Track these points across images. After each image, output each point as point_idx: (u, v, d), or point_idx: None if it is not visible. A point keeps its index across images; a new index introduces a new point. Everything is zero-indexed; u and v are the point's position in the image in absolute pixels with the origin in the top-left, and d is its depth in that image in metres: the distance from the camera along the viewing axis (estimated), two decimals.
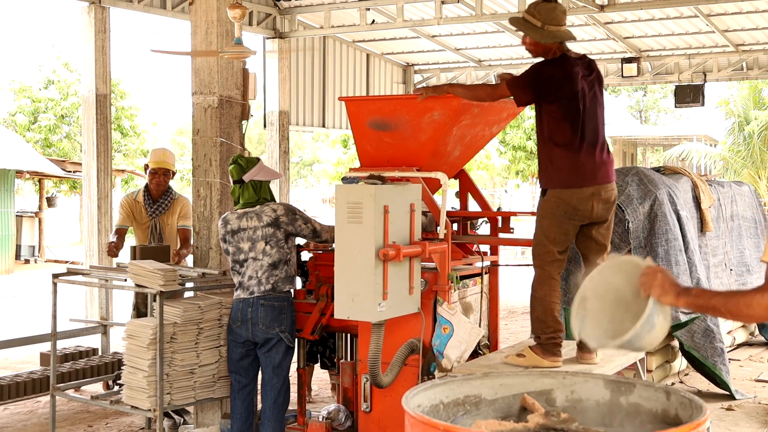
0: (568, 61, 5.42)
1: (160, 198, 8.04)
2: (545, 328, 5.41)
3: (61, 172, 23.98)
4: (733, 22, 15.68)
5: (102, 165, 12.42)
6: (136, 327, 6.12)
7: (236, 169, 6.14)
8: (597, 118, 5.48)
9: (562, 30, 5.39)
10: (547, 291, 5.42)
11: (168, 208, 8.04)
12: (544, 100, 5.37)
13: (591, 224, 5.49)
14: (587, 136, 5.37)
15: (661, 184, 8.56)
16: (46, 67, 32.28)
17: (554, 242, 5.41)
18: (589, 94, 5.43)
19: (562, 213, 5.36)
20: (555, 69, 5.39)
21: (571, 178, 5.34)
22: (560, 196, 5.36)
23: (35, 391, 7.57)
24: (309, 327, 6.21)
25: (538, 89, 5.36)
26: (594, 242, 5.56)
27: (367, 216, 5.19)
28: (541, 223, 5.46)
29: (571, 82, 5.34)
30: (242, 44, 6.68)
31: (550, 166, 5.41)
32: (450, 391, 3.50)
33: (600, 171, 5.42)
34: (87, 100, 12.55)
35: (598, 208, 5.42)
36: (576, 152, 5.34)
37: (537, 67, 5.46)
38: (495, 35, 17.24)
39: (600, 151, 5.42)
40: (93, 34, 12.46)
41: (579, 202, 5.33)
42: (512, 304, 14.54)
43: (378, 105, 6.21)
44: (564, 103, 5.33)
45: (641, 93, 57.31)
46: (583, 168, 5.35)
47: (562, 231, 5.41)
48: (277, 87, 16.29)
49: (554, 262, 5.43)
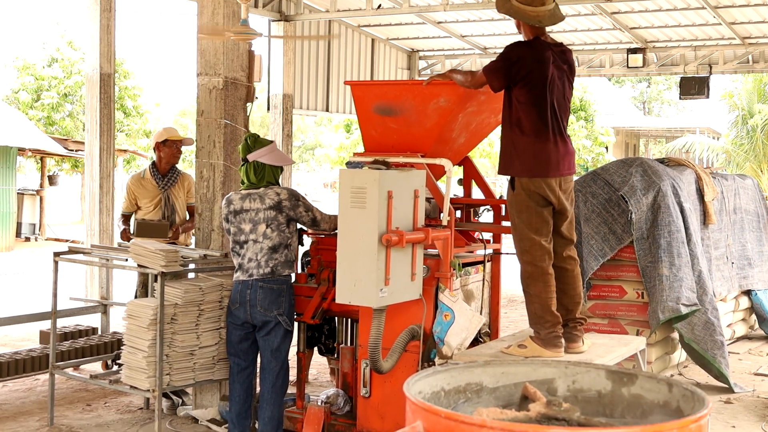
0: (540, 44, 5.35)
1: (168, 172, 8.26)
2: (544, 323, 5.38)
3: (64, 150, 23.95)
4: (741, 15, 15.62)
5: (105, 144, 12.40)
6: (136, 307, 6.12)
7: (243, 147, 6.12)
8: (563, 107, 5.42)
9: (524, 8, 5.29)
10: (542, 288, 5.36)
11: (176, 181, 8.27)
12: (513, 82, 5.30)
13: (555, 216, 5.45)
14: (553, 124, 5.30)
15: (665, 175, 8.54)
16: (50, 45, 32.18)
17: (538, 232, 5.34)
18: (558, 82, 5.36)
19: (536, 203, 5.31)
20: (524, 51, 5.33)
21: (535, 166, 5.28)
22: (529, 188, 5.30)
23: (34, 369, 7.57)
24: (310, 311, 6.21)
25: (507, 73, 5.28)
26: (559, 236, 5.50)
27: (371, 201, 5.18)
28: (521, 218, 5.37)
29: (540, 65, 5.27)
30: (248, 25, 6.65)
31: (514, 153, 5.33)
32: (451, 378, 3.49)
33: (563, 162, 5.37)
34: (91, 79, 12.52)
35: (563, 199, 5.39)
36: (542, 141, 5.27)
37: (507, 49, 5.38)
38: (500, 23, 17.18)
39: (563, 141, 5.37)
40: (98, 13, 12.42)
41: (546, 192, 5.29)
42: (513, 293, 14.54)
43: (384, 90, 6.18)
44: (532, 87, 5.26)
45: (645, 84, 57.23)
46: (548, 157, 5.29)
47: (542, 219, 5.34)
48: (282, 70, 16.26)
49: (545, 254, 5.36)
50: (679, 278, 8.09)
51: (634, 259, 8.36)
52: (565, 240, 5.53)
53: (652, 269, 8.19)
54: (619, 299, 8.51)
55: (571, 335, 5.54)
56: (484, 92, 5.79)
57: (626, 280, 8.48)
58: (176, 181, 8.29)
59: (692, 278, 8.25)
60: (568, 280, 5.57)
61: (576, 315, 5.55)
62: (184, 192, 8.28)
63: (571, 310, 5.55)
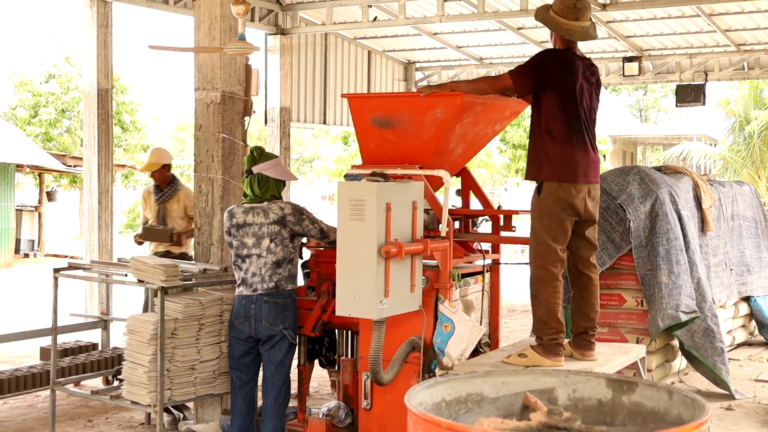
0: (571, 53, 5.50)
1: (166, 187, 8.68)
2: (547, 329, 5.43)
3: (62, 166, 23.97)
4: (735, 22, 15.67)
5: (103, 160, 12.42)
6: (137, 322, 6.12)
7: (248, 159, 6.14)
8: (591, 118, 5.55)
9: (558, 20, 5.46)
10: (551, 293, 5.44)
11: (172, 196, 8.64)
12: (542, 88, 5.41)
13: (582, 222, 5.51)
14: (582, 132, 5.42)
15: (662, 183, 8.57)
16: (48, 60, 32.26)
17: (556, 240, 5.42)
18: (586, 93, 5.48)
19: (560, 210, 5.39)
20: (555, 58, 5.49)
21: (566, 171, 5.37)
22: (556, 194, 5.37)
23: (35, 385, 7.57)
24: (310, 324, 6.21)
25: (537, 77, 5.42)
26: (586, 241, 5.61)
27: (370, 213, 5.19)
28: (541, 222, 5.45)
29: (570, 72, 5.41)
30: (245, 40, 6.67)
31: (544, 158, 5.42)
32: (452, 389, 3.50)
33: (591, 169, 5.48)
34: (88, 95, 12.55)
35: (590, 206, 5.48)
36: (571, 147, 5.39)
37: (538, 55, 5.57)
38: (497, 33, 17.22)
39: (591, 149, 5.49)
40: (95, 29, 12.46)
41: (574, 200, 5.36)
42: (513, 303, 14.55)
43: (381, 102, 6.20)
44: (562, 94, 5.38)
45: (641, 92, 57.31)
46: (576, 163, 5.39)
47: (562, 228, 5.43)
48: (279, 83, 16.29)
49: (558, 261, 5.44)
50: (678, 285, 8.10)
51: (633, 267, 8.37)
52: (591, 245, 5.65)
53: (651, 277, 8.21)
54: (618, 307, 8.52)
55: (588, 343, 5.63)
56: (481, 103, 5.81)
57: (625, 288, 8.49)
58: (172, 195, 8.63)
59: (691, 285, 8.27)
60: (591, 288, 5.69)
61: (594, 323, 5.64)
62: (180, 206, 8.60)
63: (592, 318, 5.68)
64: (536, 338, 5.52)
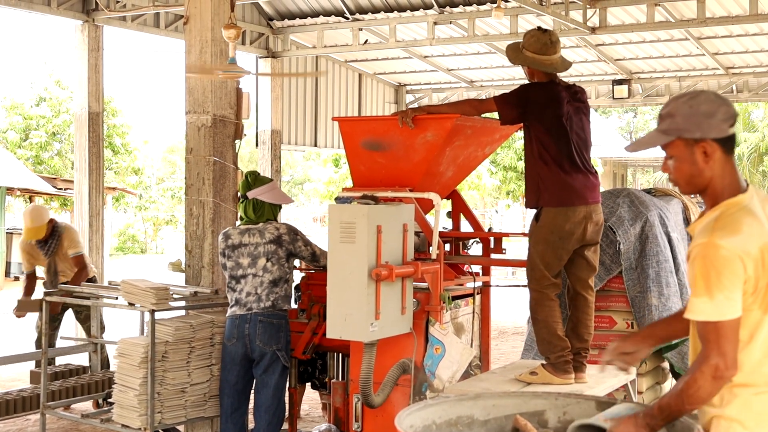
0: (555, 86, 5.53)
1: (48, 239, 8.66)
2: (552, 348, 5.48)
3: (52, 189, 23.93)
4: (724, 45, 15.78)
5: (94, 183, 12.44)
6: (127, 345, 6.11)
7: (243, 185, 6.17)
8: (584, 141, 5.57)
9: (537, 58, 5.49)
10: (547, 313, 5.48)
11: (58, 245, 8.70)
12: (530, 120, 5.45)
13: (582, 246, 5.55)
14: (575, 157, 5.45)
15: (652, 205, 8.59)
16: (38, 84, 32.27)
17: (548, 267, 5.46)
18: (575, 117, 5.51)
19: (557, 239, 5.41)
20: (540, 91, 5.51)
21: (563, 195, 5.39)
22: (554, 221, 5.39)
23: (25, 409, 7.53)
24: (301, 346, 6.21)
25: (523, 108, 5.45)
26: (585, 262, 5.63)
27: (360, 236, 5.21)
28: (536, 249, 5.48)
29: (556, 103, 5.43)
30: (236, 64, 6.70)
31: (542, 185, 5.45)
32: (443, 411, 3.50)
33: (590, 191, 5.50)
34: (79, 118, 12.58)
35: (590, 231, 5.50)
36: (566, 172, 5.41)
37: (523, 87, 5.59)
38: (486, 56, 17.32)
39: (587, 173, 5.51)
40: (86, 53, 12.51)
41: (573, 226, 5.38)
42: (503, 325, 14.54)
43: (371, 125, 6.23)
44: (551, 123, 5.41)
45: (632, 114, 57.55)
46: (572, 187, 5.41)
47: (557, 256, 5.46)
48: (270, 106, 16.34)
49: (551, 285, 5.49)
50: (668, 308, 8.11)
51: (624, 290, 8.37)
52: (590, 267, 5.67)
53: (642, 299, 8.22)
54: (609, 329, 8.52)
55: (580, 365, 5.67)
56: (471, 126, 5.85)
57: (616, 311, 8.50)
58: (58, 244, 8.68)
59: (681, 307, 8.28)
60: (586, 309, 5.73)
61: (588, 345, 5.67)
62: (65, 250, 8.69)
63: (585, 340, 5.72)
64: (545, 357, 5.57)
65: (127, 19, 13.47)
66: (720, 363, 2.84)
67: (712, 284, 2.84)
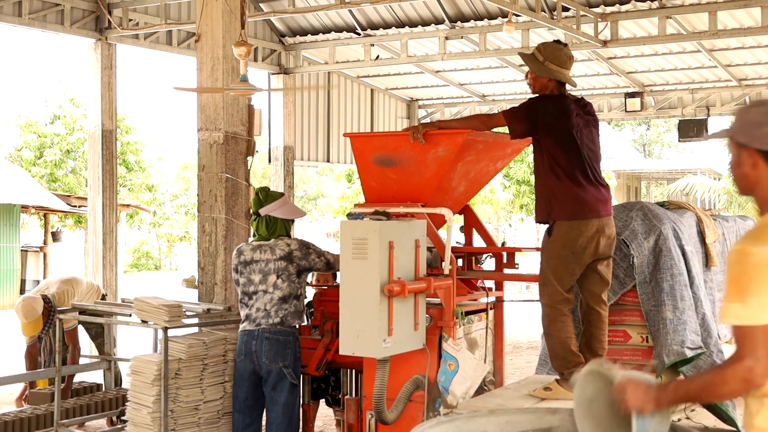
0: (564, 99, 5.51)
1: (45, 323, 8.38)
2: (567, 363, 5.46)
3: (67, 206, 24.02)
4: (736, 57, 15.75)
5: (107, 200, 12.48)
6: (140, 363, 6.12)
7: (254, 202, 6.18)
8: (594, 154, 5.56)
9: (561, 71, 5.50)
10: (560, 328, 5.46)
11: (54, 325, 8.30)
12: (539, 133, 5.43)
13: (595, 260, 5.52)
14: (587, 170, 5.42)
15: (665, 218, 8.56)
16: (52, 102, 32.43)
17: (561, 282, 5.43)
18: (585, 131, 5.49)
19: (570, 254, 5.39)
20: (550, 104, 5.49)
21: (575, 209, 5.37)
22: (567, 235, 5.37)
23: (39, 427, 7.55)
24: (314, 363, 6.20)
25: (532, 122, 5.43)
26: (598, 276, 5.60)
27: (372, 252, 5.20)
28: (549, 264, 5.46)
29: (566, 116, 5.41)
30: (248, 81, 6.72)
31: (553, 199, 5.43)
32: (456, 428, 3.49)
33: (603, 204, 5.47)
34: (93, 136, 12.63)
35: (603, 245, 5.47)
36: (578, 185, 5.39)
37: (533, 101, 5.55)
38: (498, 70, 17.32)
39: (599, 186, 5.49)
40: (99, 71, 12.58)
41: (586, 241, 5.36)
42: (517, 340, 14.50)
43: (383, 141, 6.23)
44: (561, 136, 5.38)
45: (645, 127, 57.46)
46: (584, 200, 5.39)
47: (569, 271, 5.44)
48: (282, 122, 16.38)
49: (563, 300, 5.46)
50: (683, 321, 8.07)
51: (638, 303, 8.33)
52: (603, 281, 5.64)
53: (656, 313, 8.18)
54: (623, 344, 8.48)
55: None
56: (482, 141, 5.84)
57: (630, 325, 8.46)
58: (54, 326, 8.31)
59: (696, 321, 8.23)
60: (600, 324, 5.75)
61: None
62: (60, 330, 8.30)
63: (600, 355, 5.72)
64: (559, 373, 5.54)
65: (139, 37, 13.55)
66: (755, 366, 2.84)
67: (744, 289, 2.86)
